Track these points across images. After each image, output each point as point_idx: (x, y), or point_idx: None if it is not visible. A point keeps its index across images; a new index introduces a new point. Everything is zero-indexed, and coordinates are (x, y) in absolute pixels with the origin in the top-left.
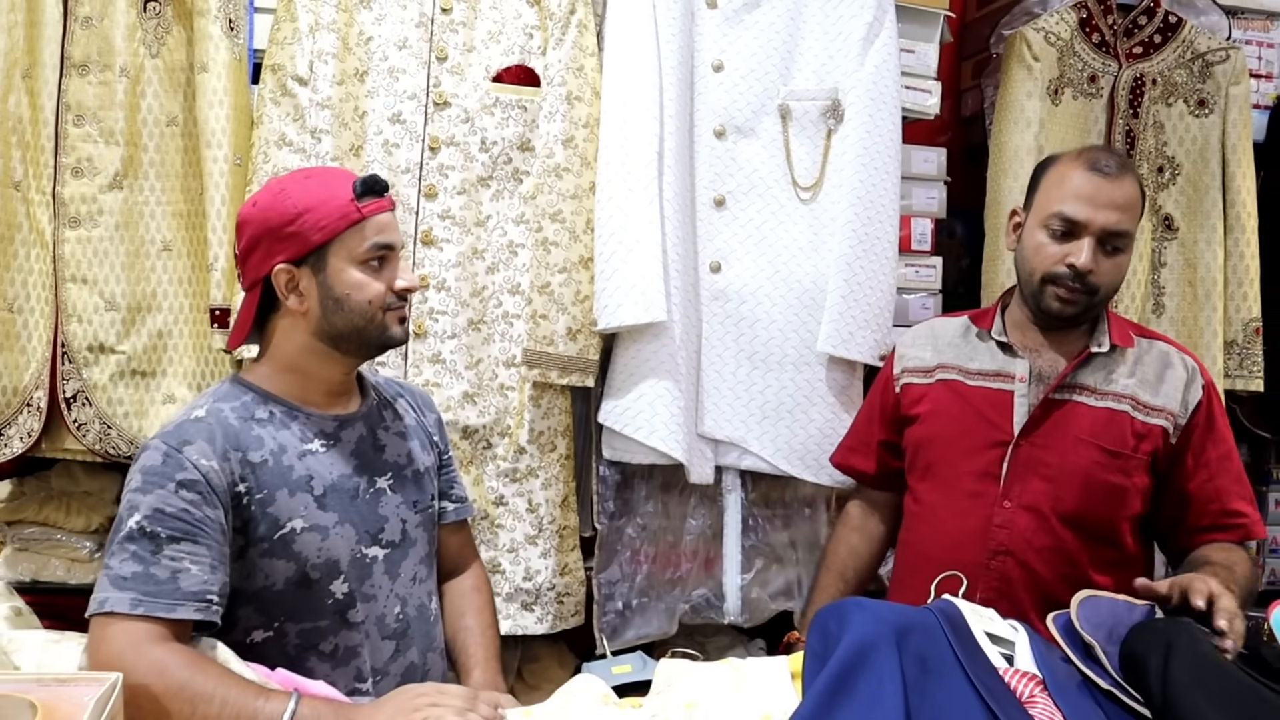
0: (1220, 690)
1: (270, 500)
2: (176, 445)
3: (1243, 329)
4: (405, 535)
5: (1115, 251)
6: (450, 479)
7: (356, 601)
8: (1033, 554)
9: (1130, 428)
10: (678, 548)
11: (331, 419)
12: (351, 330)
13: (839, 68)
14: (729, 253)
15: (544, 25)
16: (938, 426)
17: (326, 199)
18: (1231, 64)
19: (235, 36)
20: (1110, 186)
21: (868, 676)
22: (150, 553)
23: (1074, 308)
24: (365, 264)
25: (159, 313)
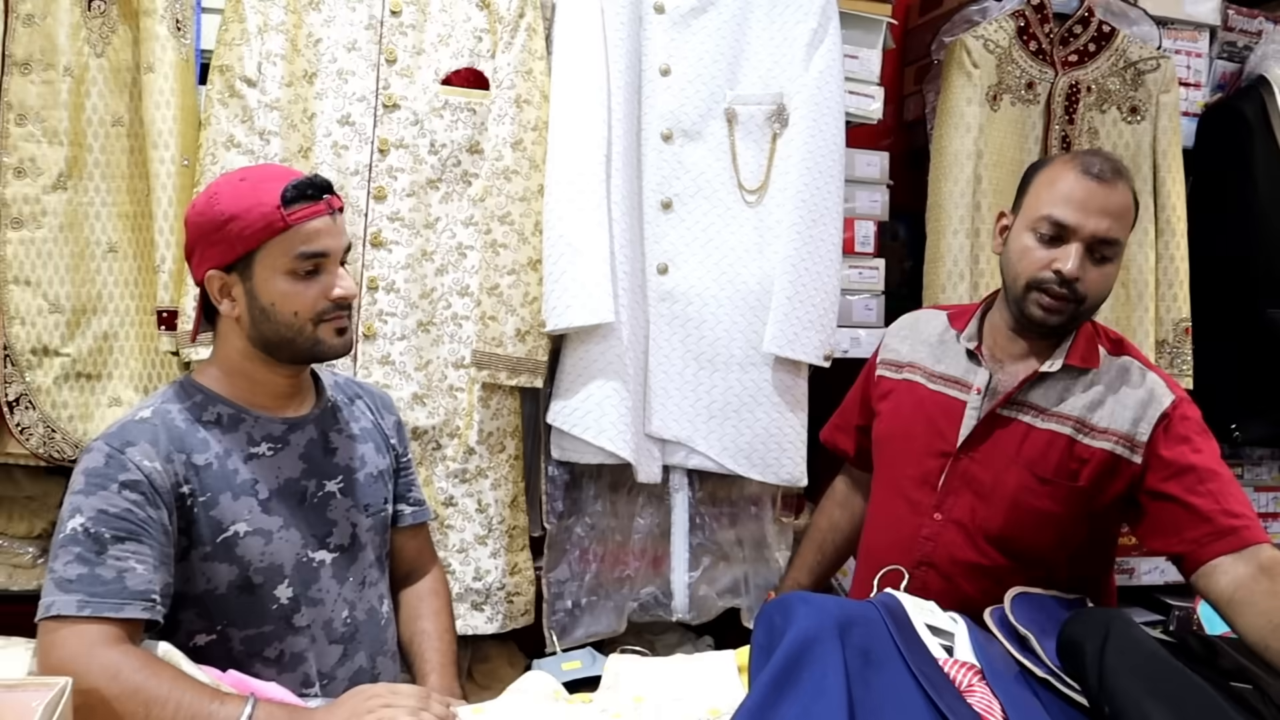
0: (1153, 674)
1: (213, 503)
2: (119, 446)
3: (1173, 329)
4: (355, 539)
5: (1104, 260)
6: (408, 482)
7: (301, 606)
8: (956, 569)
9: (1070, 452)
10: (626, 547)
11: (280, 422)
12: (280, 340)
13: (784, 73)
14: (676, 255)
15: (493, 29)
16: (893, 426)
17: (254, 205)
18: (1162, 73)
19: (182, 37)
20: (1103, 192)
21: (811, 668)
22: (95, 554)
23: (1058, 316)
24: (292, 273)
25: (104, 315)
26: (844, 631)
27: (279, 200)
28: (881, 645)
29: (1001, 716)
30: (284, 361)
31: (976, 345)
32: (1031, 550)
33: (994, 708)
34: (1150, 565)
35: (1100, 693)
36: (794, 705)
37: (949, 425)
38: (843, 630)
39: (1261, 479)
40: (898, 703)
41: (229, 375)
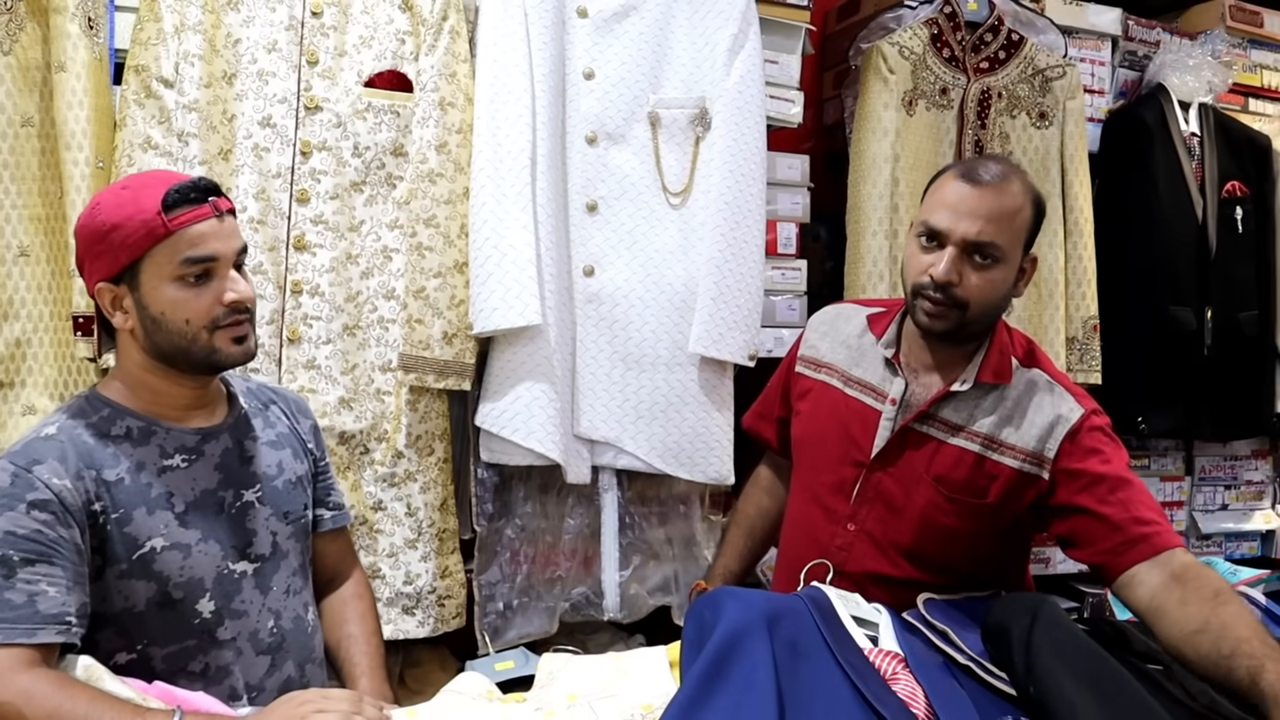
0: (1076, 657)
1: (127, 519)
2: (26, 465)
3: (1082, 326)
4: (276, 548)
5: (986, 264)
6: (327, 486)
7: (225, 619)
8: (868, 580)
9: (980, 469)
10: (556, 547)
11: (192, 433)
12: (176, 351)
13: (706, 77)
14: (601, 257)
15: (416, 31)
16: (809, 429)
17: (134, 214)
18: (1068, 80)
19: (95, 35)
20: (977, 195)
21: (741, 662)
22: (3, 578)
23: (943, 322)
24: (181, 280)
25: (16, 321)
26: (772, 624)
27: (159, 205)
28: (809, 637)
29: (925, 703)
30: (184, 372)
31: (894, 354)
32: (943, 563)
33: (918, 694)
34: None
35: (1027, 675)
36: (724, 698)
37: (864, 434)
38: (771, 623)
39: (1166, 469)
40: (825, 693)
41: (132, 388)
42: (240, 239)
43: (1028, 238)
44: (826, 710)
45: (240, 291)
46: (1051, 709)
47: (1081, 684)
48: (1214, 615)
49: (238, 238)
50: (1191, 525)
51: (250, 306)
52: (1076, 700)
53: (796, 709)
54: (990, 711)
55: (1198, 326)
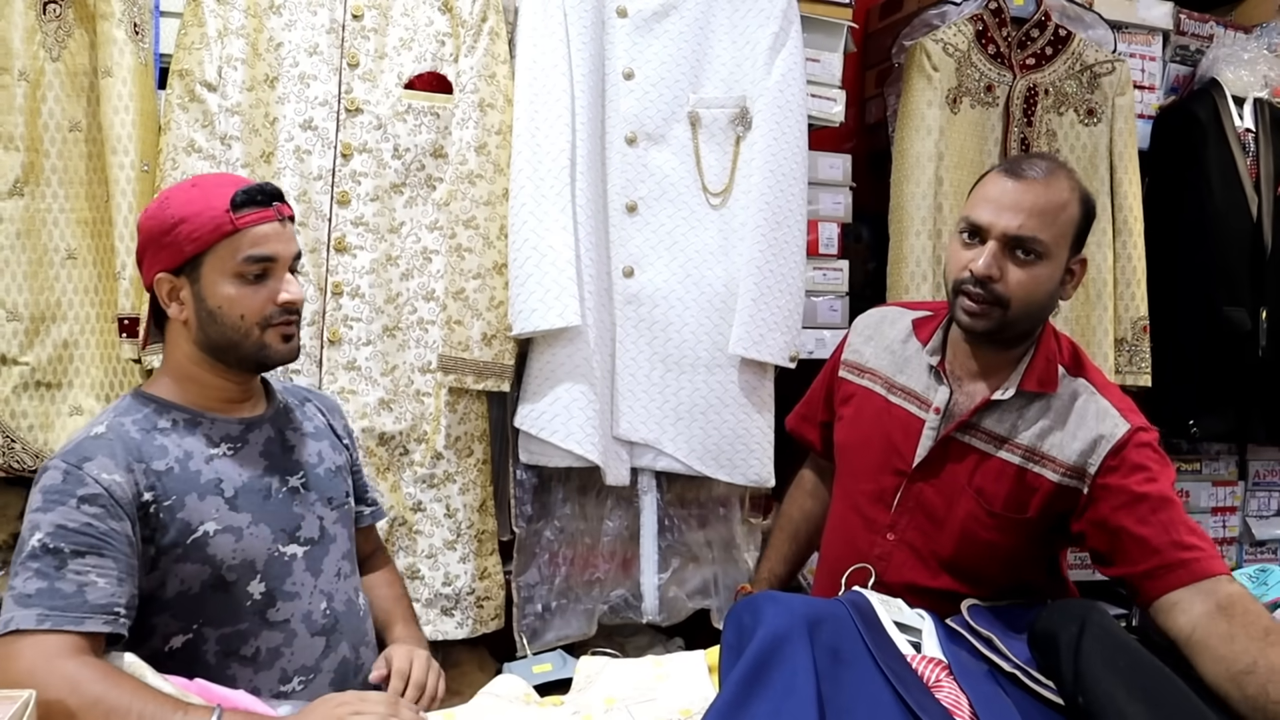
0: (1128, 668)
1: (180, 506)
2: (76, 462)
3: (1131, 327)
4: (324, 532)
5: (1029, 259)
6: (362, 484)
7: (277, 600)
8: (906, 591)
9: (1020, 481)
10: (595, 549)
11: (236, 423)
12: (227, 344)
13: (746, 76)
14: (641, 258)
15: (456, 33)
16: (852, 435)
17: (203, 209)
18: (1117, 76)
19: (140, 41)
20: (1018, 189)
21: (781, 667)
22: (54, 568)
23: (984, 320)
24: (240, 277)
25: (64, 322)
26: (813, 630)
27: (228, 204)
28: (850, 643)
29: (969, 711)
30: (231, 366)
31: (939, 361)
32: (983, 576)
33: (962, 703)
34: None
35: (1075, 684)
36: (764, 704)
37: (906, 443)
38: (812, 628)
39: (1219, 473)
40: (867, 700)
41: (179, 381)
42: (297, 244)
43: (1075, 237)
44: (868, 717)
45: (293, 293)
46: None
47: (1134, 695)
48: (1263, 656)
49: (295, 243)
50: (1245, 531)
51: (299, 308)
52: (1129, 711)
53: (838, 715)
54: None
55: (1252, 327)
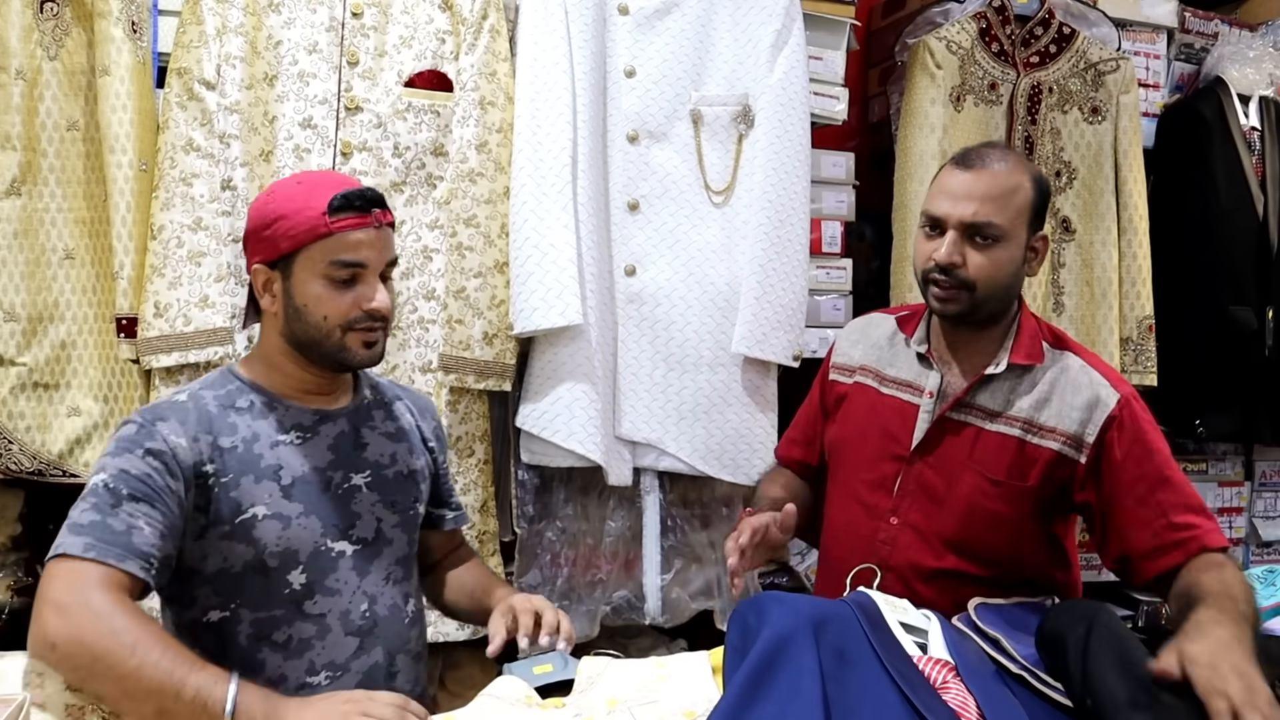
0: (1134, 667)
1: (234, 485)
2: (151, 420)
3: (1137, 326)
4: (380, 534)
5: (988, 244)
6: (448, 488)
7: (315, 594)
8: (913, 574)
9: (1020, 452)
10: (598, 550)
11: (311, 413)
12: (310, 342)
13: (749, 74)
14: (643, 256)
15: (456, 30)
16: (847, 430)
17: (302, 208)
18: (1122, 74)
19: (138, 39)
20: (970, 178)
21: (786, 669)
22: (110, 506)
23: (954, 305)
24: (329, 279)
25: (62, 323)
26: (818, 631)
27: (326, 206)
28: (856, 644)
29: (977, 712)
30: (314, 362)
31: (926, 349)
32: (986, 553)
33: (969, 704)
34: None
35: (1084, 686)
36: (770, 706)
37: (903, 429)
38: (817, 629)
39: (1225, 474)
40: (873, 701)
41: (266, 366)
42: (392, 251)
43: (1032, 216)
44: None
45: (380, 301)
46: None
47: (1140, 699)
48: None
49: (390, 250)
50: (1251, 532)
51: (387, 316)
52: (1135, 715)
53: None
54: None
55: (1259, 326)
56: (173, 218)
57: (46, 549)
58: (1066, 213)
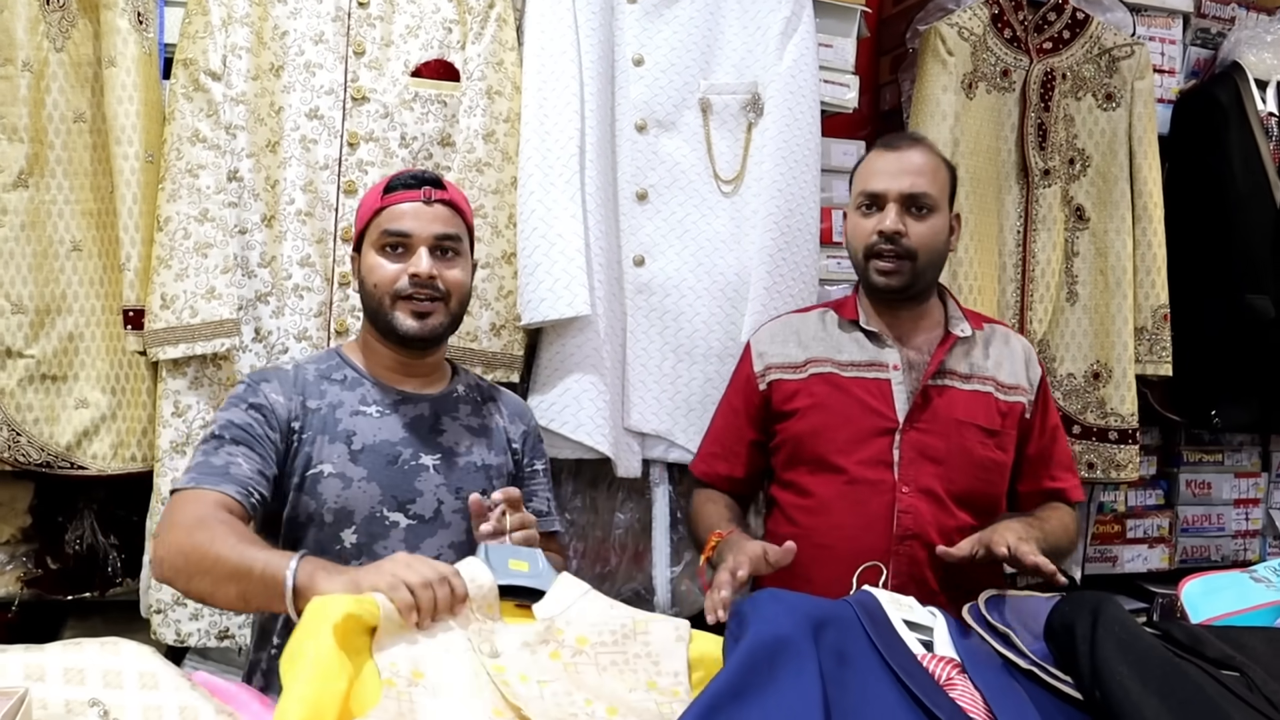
0: (1141, 657)
1: (312, 441)
2: (258, 380)
3: (1152, 315)
4: (439, 515)
5: (924, 213)
6: (531, 491)
7: (364, 555)
8: (935, 534)
9: (996, 407)
10: (607, 542)
11: (395, 392)
12: (371, 313)
13: (758, 62)
14: (652, 246)
15: (463, 20)
16: (820, 419)
17: (371, 193)
18: (1136, 59)
19: (144, 30)
20: (899, 157)
21: (785, 669)
22: (214, 449)
23: (898, 276)
24: (382, 249)
25: (69, 315)
26: (818, 631)
27: (384, 187)
28: (857, 644)
29: (985, 708)
30: (384, 337)
31: (880, 326)
32: (989, 500)
33: (976, 701)
34: (1133, 554)
35: (1092, 677)
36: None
37: (882, 404)
38: (816, 630)
39: (1241, 464)
40: (875, 701)
41: (362, 347)
42: (445, 226)
43: (950, 194)
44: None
45: (421, 268)
46: (1119, 714)
47: (1150, 688)
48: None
49: (441, 223)
50: (1269, 524)
51: (437, 283)
52: (1144, 703)
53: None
54: (1052, 716)
55: (1275, 314)
56: (179, 209)
57: (56, 541)
58: (1080, 201)
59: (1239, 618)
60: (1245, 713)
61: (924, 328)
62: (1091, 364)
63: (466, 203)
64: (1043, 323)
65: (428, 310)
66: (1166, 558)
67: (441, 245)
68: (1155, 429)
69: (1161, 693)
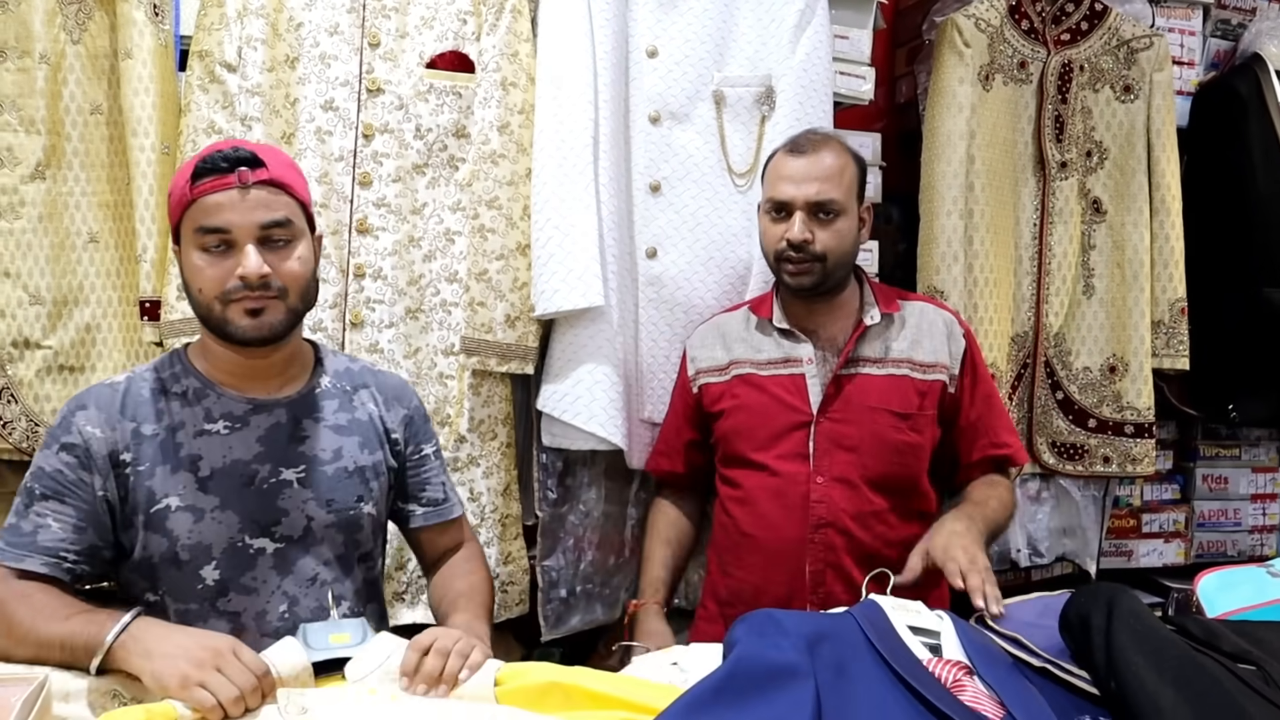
0: (1156, 649)
1: (150, 474)
2: (73, 409)
3: (1169, 309)
4: (309, 533)
5: (830, 218)
6: (422, 480)
7: (230, 591)
8: (850, 520)
9: (913, 388)
10: (620, 534)
11: (245, 402)
12: (201, 319)
13: (772, 54)
14: (664, 239)
15: (478, 11)
16: (742, 418)
17: (179, 180)
18: (1155, 51)
19: (160, 22)
20: (806, 162)
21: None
22: (24, 507)
23: (809, 278)
24: (202, 249)
25: (86, 306)
26: (814, 646)
27: (191, 173)
28: (857, 653)
29: (998, 707)
30: (219, 340)
31: (789, 324)
32: (906, 482)
33: (988, 701)
34: (1148, 548)
35: (1108, 669)
36: None
37: (797, 398)
38: (813, 645)
39: (1259, 459)
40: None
41: (203, 348)
42: (270, 212)
43: (859, 190)
44: None
45: (248, 267)
46: (1134, 706)
47: (1166, 679)
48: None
49: (265, 210)
50: None
51: (271, 280)
52: (1160, 694)
53: None
54: (1068, 711)
55: None
56: None
57: None
58: (1097, 193)
59: (1255, 612)
60: (1261, 706)
61: (838, 318)
62: (1108, 358)
63: (293, 170)
64: (1059, 316)
65: (261, 306)
66: (1182, 552)
67: (270, 235)
68: (1172, 423)
69: (1177, 684)
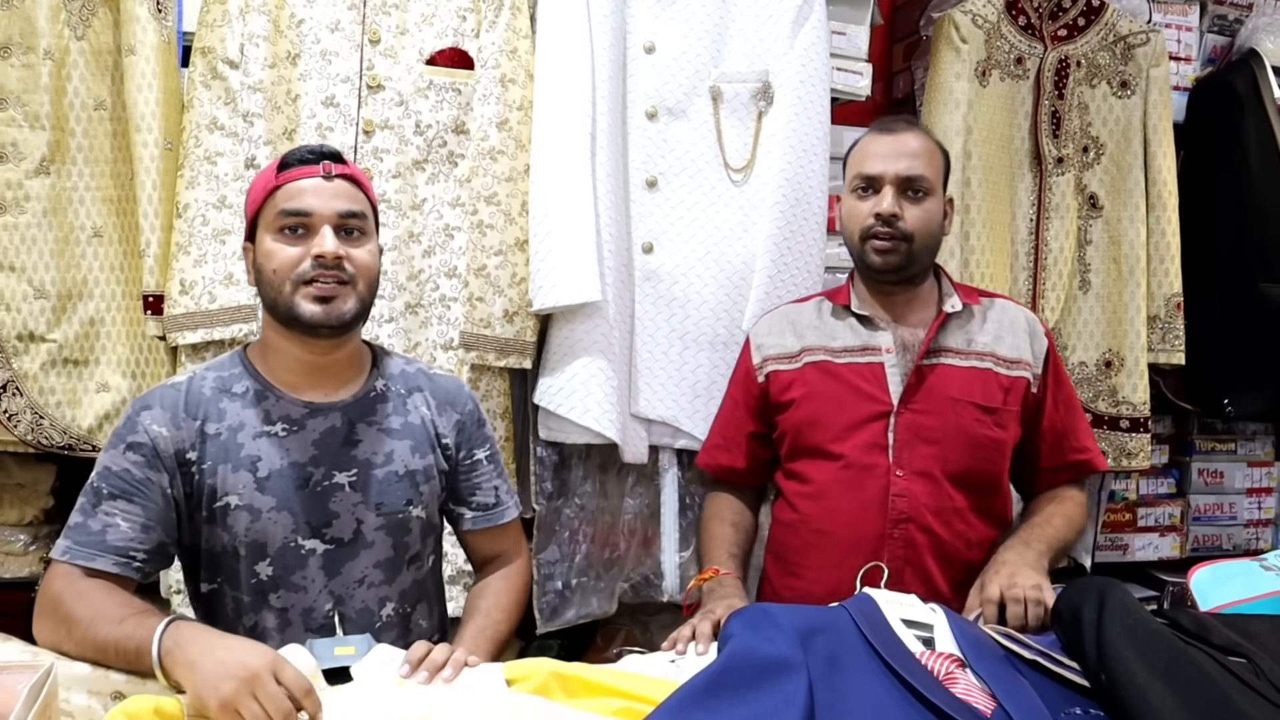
0: (1146, 642)
1: (212, 472)
2: (138, 409)
3: (1165, 304)
4: (359, 536)
5: (920, 196)
6: (473, 484)
7: (280, 588)
8: (931, 517)
9: (997, 383)
10: (616, 527)
11: (302, 405)
12: (270, 303)
13: (769, 50)
14: (661, 234)
15: (477, 7)
16: (815, 407)
17: (262, 174)
18: (1152, 46)
19: (164, 18)
20: (895, 140)
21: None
22: (92, 506)
23: (895, 256)
24: (279, 232)
25: (90, 300)
26: (807, 640)
27: (278, 165)
28: (851, 647)
29: (989, 699)
30: (287, 326)
31: (871, 311)
32: (987, 478)
33: (980, 694)
34: (1144, 542)
35: (1098, 662)
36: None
37: (876, 387)
38: (806, 639)
39: (1255, 453)
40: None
41: (264, 349)
42: (349, 202)
43: (944, 177)
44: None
45: (326, 248)
46: (1124, 699)
47: (1156, 673)
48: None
49: (345, 200)
50: None
51: (344, 265)
52: (1150, 687)
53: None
54: (1059, 704)
55: None
56: (197, 196)
57: None
58: (1094, 189)
59: (1248, 605)
60: (1251, 699)
61: (917, 309)
62: (1104, 352)
63: (367, 179)
64: (1055, 311)
65: (333, 294)
66: (1178, 546)
67: (346, 224)
68: (1167, 418)
69: (1167, 677)
